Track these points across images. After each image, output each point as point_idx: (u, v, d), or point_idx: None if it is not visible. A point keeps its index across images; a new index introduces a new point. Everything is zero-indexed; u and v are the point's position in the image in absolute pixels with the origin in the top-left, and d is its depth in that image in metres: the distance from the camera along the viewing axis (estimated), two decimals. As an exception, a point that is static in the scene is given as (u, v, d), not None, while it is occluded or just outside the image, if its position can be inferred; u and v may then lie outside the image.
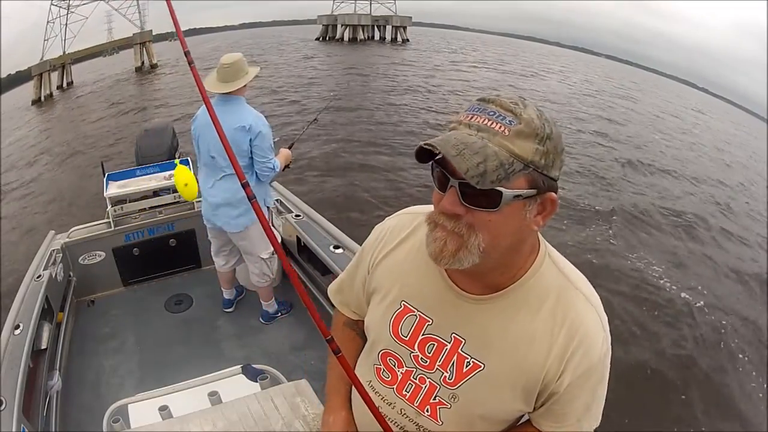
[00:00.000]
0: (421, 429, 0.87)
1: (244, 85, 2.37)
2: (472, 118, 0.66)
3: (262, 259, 2.61)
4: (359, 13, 51.16)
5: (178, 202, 3.19)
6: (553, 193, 0.69)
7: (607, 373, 0.80)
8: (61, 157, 11.52)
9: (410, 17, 51.17)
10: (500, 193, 0.63)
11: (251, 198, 0.87)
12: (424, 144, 0.65)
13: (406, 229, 0.91)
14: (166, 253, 3.24)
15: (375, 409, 0.84)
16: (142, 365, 2.52)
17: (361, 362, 0.99)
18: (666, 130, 17.64)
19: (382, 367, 0.91)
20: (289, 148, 2.79)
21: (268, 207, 2.67)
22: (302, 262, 2.88)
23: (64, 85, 28.03)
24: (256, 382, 1.60)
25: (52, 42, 30.41)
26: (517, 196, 0.65)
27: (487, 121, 0.64)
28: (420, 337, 0.84)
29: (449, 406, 0.84)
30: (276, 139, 2.56)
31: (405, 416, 0.88)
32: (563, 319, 0.76)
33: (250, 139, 2.32)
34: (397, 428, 0.89)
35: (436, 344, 0.83)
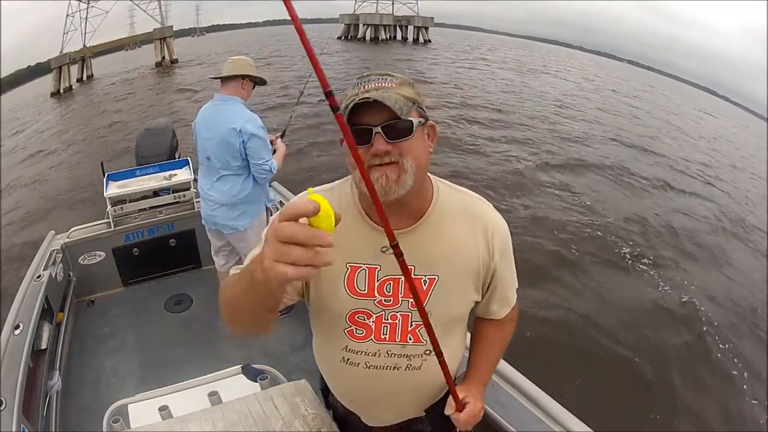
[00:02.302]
0: (410, 358, 1.02)
1: (244, 87, 2.42)
2: (365, 86, 0.88)
3: None
4: (381, 12, 51.46)
5: (178, 202, 3.27)
6: (432, 121, 0.95)
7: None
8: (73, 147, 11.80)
9: (432, 18, 51.34)
10: (411, 121, 0.87)
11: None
12: (359, 99, 0.83)
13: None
14: (166, 253, 3.31)
15: None
16: (142, 365, 2.57)
17: (326, 342, 1.08)
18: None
19: (353, 327, 1.01)
20: (281, 137, 2.77)
21: (267, 207, 2.71)
22: None
23: (84, 78, 28.75)
24: (256, 382, 1.63)
25: (71, 35, 31.16)
26: (419, 122, 0.89)
27: (376, 83, 0.88)
28: (376, 284, 0.97)
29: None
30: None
31: (392, 355, 1.02)
32: (474, 221, 1.01)
33: (243, 141, 2.35)
34: (390, 370, 1.02)
35: (392, 282, 0.97)
